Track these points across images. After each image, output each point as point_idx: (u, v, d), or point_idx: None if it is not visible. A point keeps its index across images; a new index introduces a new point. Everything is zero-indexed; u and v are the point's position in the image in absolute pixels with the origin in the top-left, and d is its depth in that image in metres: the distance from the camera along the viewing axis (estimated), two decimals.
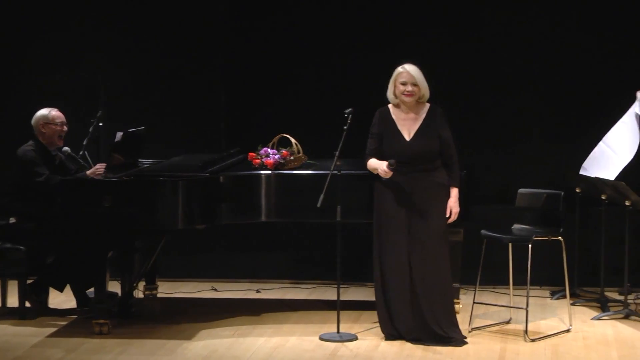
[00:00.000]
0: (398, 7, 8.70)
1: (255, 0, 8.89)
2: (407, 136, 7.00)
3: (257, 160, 7.48)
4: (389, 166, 6.89)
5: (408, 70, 6.97)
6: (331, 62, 8.79)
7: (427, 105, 7.07)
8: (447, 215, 6.98)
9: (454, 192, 7.02)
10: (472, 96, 8.61)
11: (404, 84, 6.97)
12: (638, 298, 8.07)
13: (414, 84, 6.96)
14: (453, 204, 7.00)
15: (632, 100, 8.32)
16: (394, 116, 7.04)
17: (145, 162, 8.00)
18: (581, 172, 7.90)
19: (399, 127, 7.02)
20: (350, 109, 7.11)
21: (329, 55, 8.79)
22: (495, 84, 8.65)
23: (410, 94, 6.97)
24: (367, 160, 7.04)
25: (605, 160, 7.83)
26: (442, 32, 8.65)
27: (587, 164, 7.92)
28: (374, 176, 7.04)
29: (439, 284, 6.97)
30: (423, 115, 7.03)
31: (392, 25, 8.69)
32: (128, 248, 7.54)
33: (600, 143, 7.93)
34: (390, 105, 7.08)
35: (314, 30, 8.81)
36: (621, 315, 7.62)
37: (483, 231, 7.38)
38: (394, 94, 7.02)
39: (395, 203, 6.97)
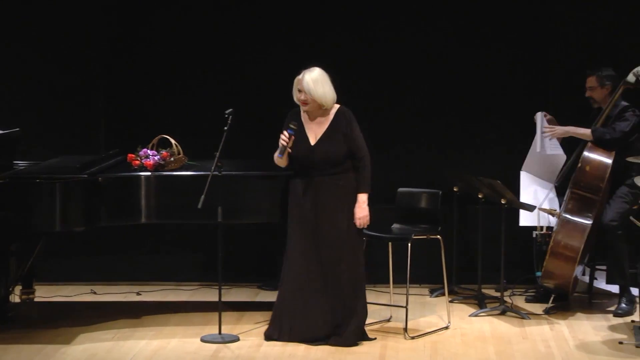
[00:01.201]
0: (276, 7, 8.71)
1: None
2: (313, 140, 6.98)
3: (137, 162, 7.40)
4: (289, 129, 6.85)
5: (302, 79, 6.93)
6: (211, 63, 8.76)
7: (336, 107, 7.03)
8: (356, 223, 6.97)
9: (361, 198, 6.98)
10: (353, 97, 8.66)
11: (300, 91, 6.97)
12: (514, 294, 8.24)
13: (305, 92, 6.96)
14: (357, 209, 6.97)
15: (513, 104, 8.53)
16: (302, 119, 7.03)
17: (21, 164, 7.84)
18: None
19: (306, 131, 7.01)
20: (230, 110, 7.10)
21: (209, 56, 8.76)
22: (378, 85, 8.73)
23: (304, 103, 6.97)
24: (275, 157, 6.97)
25: (537, 186, 7.99)
26: (329, 34, 8.69)
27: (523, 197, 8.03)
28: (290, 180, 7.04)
29: (346, 285, 6.97)
30: (330, 118, 7.00)
31: (272, 26, 8.69)
32: (3, 251, 7.38)
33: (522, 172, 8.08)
34: (299, 107, 7.06)
35: (195, 31, 8.76)
36: (498, 312, 7.78)
37: (364, 230, 7.43)
38: (296, 100, 7.01)
39: (301, 206, 6.97)
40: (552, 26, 8.64)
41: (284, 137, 6.89)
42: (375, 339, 7.07)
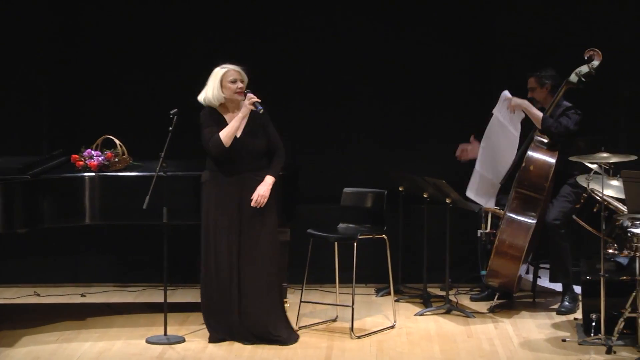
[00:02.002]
0: (220, 8, 8.69)
1: None
2: (237, 133, 6.98)
3: (81, 162, 7.34)
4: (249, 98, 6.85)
5: (234, 68, 6.96)
6: (156, 63, 8.71)
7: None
8: (253, 197, 6.91)
9: (268, 179, 6.94)
10: (299, 96, 8.68)
11: (234, 81, 6.95)
12: (459, 293, 8.30)
13: (242, 80, 6.96)
14: (260, 187, 6.91)
15: (458, 104, 8.58)
16: (223, 116, 7.01)
17: None
18: (469, 196, 8.00)
19: (229, 124, 6.99)
20: (175, 110, 7.06)
21: (153, 56, 8.71)
22: (323, 84, 8.75)
23: (240, 92, 6.96)
24: (215, 139, 6.88)
25: (486, 186, 8.00)
26: (274, 32, 8.70)
27: (469, 192, 8.02)
28: (205, 178, 7.00)
29: (268, 283, 6.99)
30: (247, 112, 7.04)
31: (214, 27, 8.67)
32: None
33: (475, 170, 8.08)
34: (209, 108, 7.02)
35: (137, 31, 8.71)
36: (443, 311, 7.82)
37: (309, 230, 7.45)
38: (221, 93, 6.98)
39: (225, 203, 6.95)
40: (496, 27, 8.71)
41: (251, 95, 6.87)
42: (299, 337, 7.07)
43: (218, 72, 6.96)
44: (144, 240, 8.41)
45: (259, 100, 6.91)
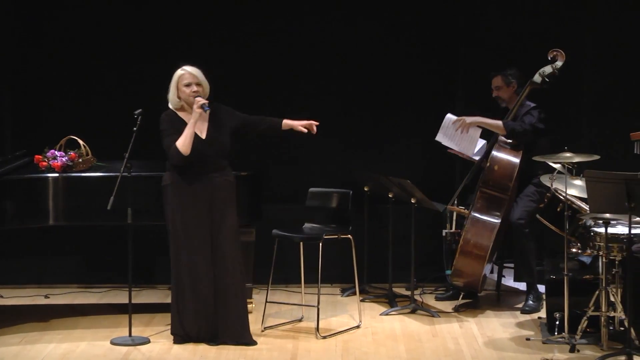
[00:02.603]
0: (185, 10, 8.67)
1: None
2: (203, 135, 6.97)
3: (44, 163, 7.30)
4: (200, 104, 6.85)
5: (190, 72, 6.95)
6: (120, 63, 8.67)
7: None
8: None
9: (291, 122, 7.16)
10: (264, 97, 8.67)
11: (188, 85, 6.94)
12: (424, 293, 8.32)
13: (198, 84, 6.95)
14: (298, 123, 7.16)
15: (423, 104, 8.62)
16: (183, 119, 6.99)
17: None
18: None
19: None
20: (139, 110, 7.04)
21: (117, 56, 8.67)
22: (288, 85, 8.74)
23: (196, 95, 6.94)
24: (174, 148, 6.86)
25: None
26: (240, 34, 8.68)
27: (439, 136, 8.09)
28: (170, 179, 6.97)
29: (234, 284, 6.98)
30: (206, 113, 7.02)
31: (178, 27, 8.64)
32: None
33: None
34: (172, 110, 7.01)
35: (104, 30, 8.67)
36: (408, 310, 7.84)
37: (274, 231, 7.45)
38: (178, 97, 6.97)
39: (195, 204, 6.93)
40: (461, 27, 8.75)
41: (199, 99, 6.87)
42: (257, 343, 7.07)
43: (175, 75, 6.96)
44: (109, 241, 8.37)
45: (206, 102, 6.89)
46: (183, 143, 6.86)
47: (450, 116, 8.02)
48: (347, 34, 8.74)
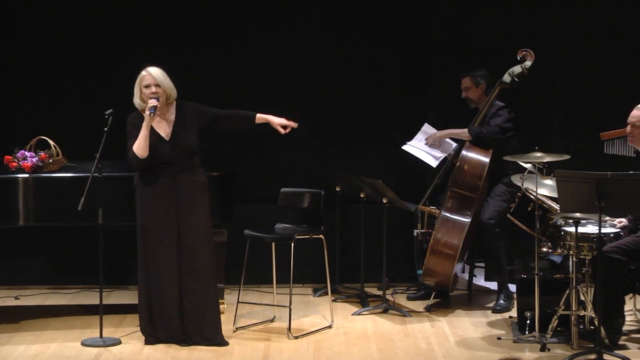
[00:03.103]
0: (151, 11, 8.64)
1: None
2: (166, 136, 6.96)
3: (14, 164, 7.27)
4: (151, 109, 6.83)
5: (150, 73, 6.93)
6: (90, 64, 8.63)
7: (175, 103, 7.03)
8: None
9: (266, 116, 7.13)
10: (236, 96, 8.65)
11: (147, 86, 6.93)
12: (396, 293, 8.34)
13: (157, 85, 6.93)
14: (275, 119, 7.12)
15: (394, 104, 8.65)
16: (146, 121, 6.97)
17: None
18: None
19: (156, 130, 6.96)
20: (110, 110, 7.01)
21: (87, 57, 8.63)
22: (260, 85, 8.73)
23: (154, 96, 6.93)
24: (131, 153, 6.86)
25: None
26: (207, 34, 8.67)
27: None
28: (138, 180, 6.96)
29: (205, 284, 6.97)
30: (173, 114, 7.00)
31: (146, 28, 8.61)
32: None
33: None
34: (139, 111, 7.00)
35: (73, 30, 8.63)
36: (380, 310, 7.86)
37: (246, 231, 7.44)
38: (141, 99, 6.95)
39: (162, 205, 6.91)
40: (430, 28, 8.77)
41: (152, 100, 6.86)
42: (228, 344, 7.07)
43: (139, 76, 6.95)
44: (79, 242, 8.34)
45: (155, 105, 6.86)
46: (138, 146, 6.86)
47: (426, 128, 8.10)
48: (320, 36, 8.74)
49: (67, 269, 8.61)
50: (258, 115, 7.16)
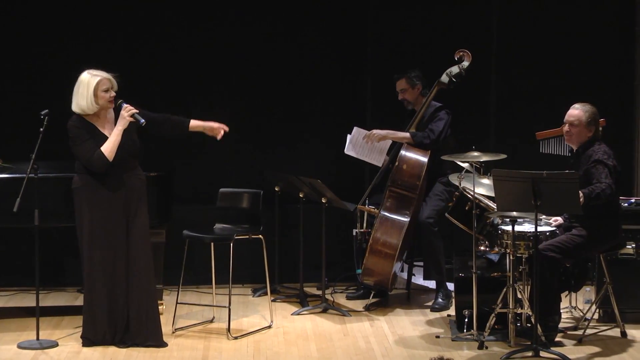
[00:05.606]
0: (87, 8, 8.58)
1: None
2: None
3: None
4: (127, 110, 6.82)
5: (107, 77, 6.87)
6: (24, 64, 8.54)
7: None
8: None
9: (200, 123, 7.13)
10: (174, 98, 8.61)
11: (106, 90, 6.86)
12: (335, 292, 8.36)
13: (113, 88, 6.89)
14: (208, 125, 7.13)
15: (333, 104, 8.67)
16: (93, 124, 6.91)
17: None
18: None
19: (103, 132, 6.90)
20: (46, 111, 6.93)
21: (21, 57, 8.54)
22: (198, 85, 8.70)
23: (112, 100, 6.90)
24: (98, 154, 6.79)
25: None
26: (142, 36, 8.62)
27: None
28: (81, 182, 6.88)
29: (145, 285, 6.93)
30: (112, 115, 6.97)
31: (82, 29, 8.54)
32: None
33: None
34: (79, 115, 6.89)
35: (3, 32, 8.52)
36: (319, 310, 7.87)
37: (185, 231, 7.41)
38: (95, 103, 6.86)
39: (111, 206, 6.86)
40: (367, 29, 8.80)
41: (128, 105, 6.84)
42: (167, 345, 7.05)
43: (90, 81, 6.84)
44: (15, 244, 8.25)
45: (137, 111, 6.84)
46: (110, 150, 6.81)
47: (357, 130, 8.11)
48: (256, 35, 8.73)
49: (3, 270, 8.50)
50: (192, 122, 7.11)
